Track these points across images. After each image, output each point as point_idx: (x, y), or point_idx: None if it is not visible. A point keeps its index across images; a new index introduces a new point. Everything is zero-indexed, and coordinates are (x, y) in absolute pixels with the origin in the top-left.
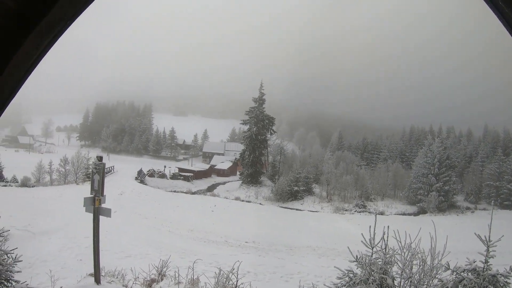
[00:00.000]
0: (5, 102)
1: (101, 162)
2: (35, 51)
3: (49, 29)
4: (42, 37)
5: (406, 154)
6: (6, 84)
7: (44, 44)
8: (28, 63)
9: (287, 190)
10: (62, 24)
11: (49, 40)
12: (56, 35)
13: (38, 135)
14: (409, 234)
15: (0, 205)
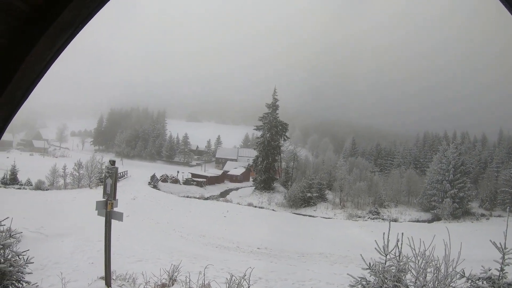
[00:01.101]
0: (18, 103)
1: (113, 166)
2: (48, 53)
3: (62, 32)
4: (55, 39)
5: (420, 160)
6: (19, 86)
7: (57, 46)
8: (41, 65)
9: (300, 196)
10: (74, 27)
11: (62, 42)
12: (69, 37)
13: (53, 139)
14: (423, 242)
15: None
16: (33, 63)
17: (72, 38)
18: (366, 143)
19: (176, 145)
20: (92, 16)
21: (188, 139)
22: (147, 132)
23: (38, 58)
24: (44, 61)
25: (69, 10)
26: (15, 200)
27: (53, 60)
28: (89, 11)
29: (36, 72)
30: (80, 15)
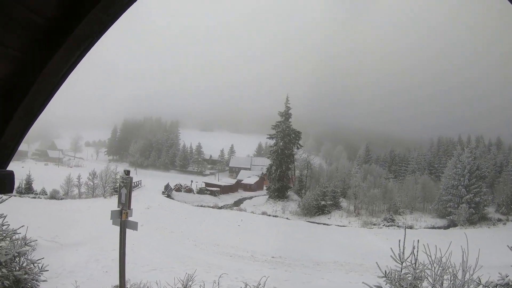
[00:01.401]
0: (35, 115)
1: (128, 176)
2: (64, 66)
3: (77, 45)
4: (70, 52)
5: (435, 166)
6: (36, 98)
7: (72, 59)
8: (57, 77)
9: (314, 204)
10: (89, 40)
11: (77, 55)
12: (83, 50)
13: (67, 149)
14: (439, 248)
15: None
16: (49, 75)
17: (87, 51)
18: (380, 149)
19: (190, 154)
20: (106, 30)
21: (202, 148)
22: (161, 142)
23: (54, 71)
24: (60, 74)
25: (84, 24)
26: (30, 209)
27: (68, 72)
28: (103, 25)
29: (52, 85)
30: (95, 29)
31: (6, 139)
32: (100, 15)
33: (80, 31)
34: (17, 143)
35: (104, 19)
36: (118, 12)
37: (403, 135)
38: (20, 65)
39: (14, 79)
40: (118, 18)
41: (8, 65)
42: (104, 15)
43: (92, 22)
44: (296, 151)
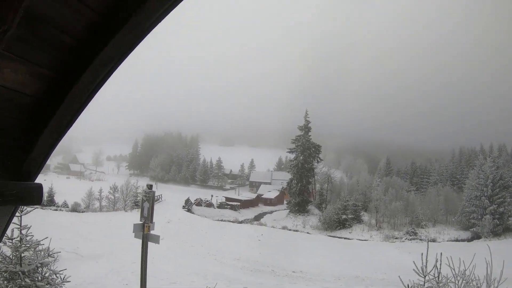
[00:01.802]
0: (63, 131)
1: (151, 190)
2: (91, 85)
3: (104, 65)
4: (98, 71)
5: (457, 177)
6: (64, 115)
7: (99, 78)
8: (85, 96)
9: (335, 218)
10: (116, 59)
11: (104, 74)
12: (111, 69)
13: (89, 163)
14: (463, 261)
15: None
16: (77, 94)
17: (114, 71)
18: (400, 161)
19: (210, 169)
20: (132, 50)
21: (222, 163)
22: (181, 157)
23: (82, 90)
24: (88, 92)
25: (111, 45)
26: (52, 221)
27: (95, 91)
28: (129, 45)
29: (80, 103)
30: (121, 50)
31: (35, 154)
32: (128, 36)
33: (108, 51)
34: (45, 158)
35: (131, 40)
36: (145, 32)
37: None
38: (50, 84)
39: (44, 96)
40: (144, 38)
41: (39, 83)
42: (131, 36)
43: (119, 42)
44: (317, 164)
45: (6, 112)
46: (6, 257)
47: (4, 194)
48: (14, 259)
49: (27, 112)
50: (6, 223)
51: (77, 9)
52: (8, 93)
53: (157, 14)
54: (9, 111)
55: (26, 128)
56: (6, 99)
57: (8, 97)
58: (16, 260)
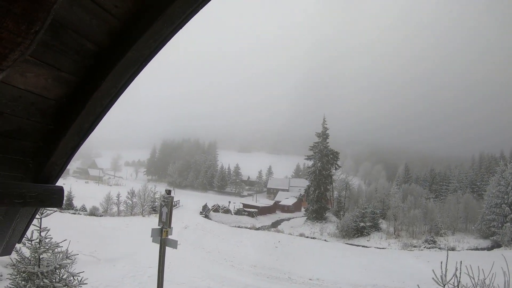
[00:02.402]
0: (85, 134)
1: (169, 195)
2: (113, 90)
3: (126, 69)
4: (120, 76)
5: (477, 184)
6: (87, 119)
7: (121, 83)
8: (107, 100)
9: (352, 226)
10: (137, 65)
11: (126, 79)
12: (132, 74)
13: (107, 168)
14: (482, 270)
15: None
16: (100, 98)
17: (136, 76)
18: (419, 168)
19: (228, 175)
20: (153, 56)
21: (239, 169)
22: (199, 163)
23: (105, 94)
24: (110, 97)
25: (133, 50)
26: (70, 224)
27: (117, 96)
28: (150, 51)
29: (102, 106)
30: (143, 55)
31: (56, 157)
32: (149, 42)
33: (130, 57)
34: (67, 161)
35: (152, 45)
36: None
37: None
38: (72, 88)
39: (67, 100)
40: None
41: (62, 88)
42: (152, 42)
43: (141, 48)
44: (334, 171)
45: (28, 116)
46: (25, 258)
47: (25, 196)
48: (33, 260)
49: (49, 116)
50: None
51: (100, 16)
52: (31, 97)
53: (179, 20)
54: (31, 114)
55: (48, 132)
56: (29, 103)
57: (31, 101)
58: (34, 261)
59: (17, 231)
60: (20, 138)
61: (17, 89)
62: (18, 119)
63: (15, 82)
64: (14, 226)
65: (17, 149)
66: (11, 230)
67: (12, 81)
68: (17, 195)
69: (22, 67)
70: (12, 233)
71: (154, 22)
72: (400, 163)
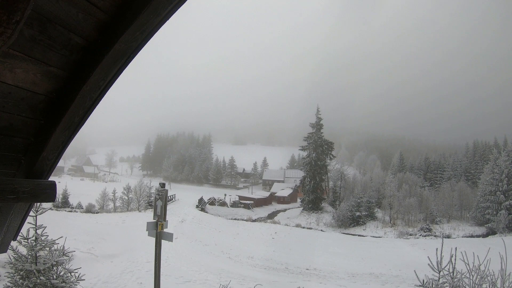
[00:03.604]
0: (76, 128)
1: (163, 188)
2: (102, 82)
3: (114, 62)
4: (108, 69)
5: (471, 172)
6: (77, 112)
7: (110, 76)
8: (96, 93)
9: (348, 215)
10: (125, 58)
11: (115, 72)
12: (121, 67)
13: (102, 165)
14: (477, 256)
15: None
16: (89, 91)
17: (124, 68)
18: (414, 157)
19: (223, 168)
20: (141, 48)
21: (235, 162)
22: (194, 156)
23: (94, 87)
24: (99, 90)
25: (120, 42)
26: (66, 222)
27: (107, 88)
28: (137, 43)
29: (91, 100)
30: (130, 47)
31: (48, 152)
32: (136, 34)
33: (117, 50)
34: (58, 156)
35: (140, 38)
36: (153, 30)
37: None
38: (61, 82)
39: (56, 95)
40: (152, 36)
41: (51, 82)
42: (139, 34)
43: (128, 41)
44: (329, 162)
45: (19, 112)
46: (22, 256)
47: (18, 191)
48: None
49: (40, 111)
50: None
51: (87, 9)
52: (20, 93)
53: (165, 11)
54: (22, 110)
55: (39, 127)
56: (19, 99)
57: (21, 97)
58: (31, 259)
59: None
60: (12, 135)
61: (6, 85)
62: (9, 115)
63: (4, 78)
64: (9, 223)
65: (9, 146)
66: (5, 227)
67: (0, 77)
68: (9, 191)
69: (11, 63)
70: (7, 230)
71: (140, 13)
72: (394, 152)
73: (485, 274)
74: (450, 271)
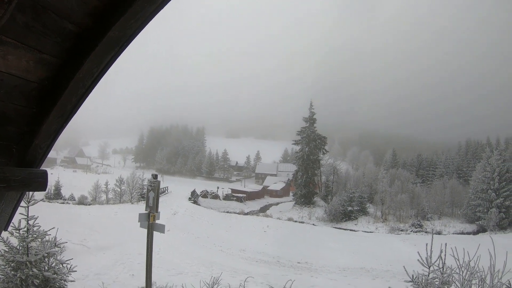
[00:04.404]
0: (68, 116)
1: (156, 179)
2: (95, 70)
3: (108, 50)
4: (102, 57)
5: (463, 169)
6: (69, 100)
7: (104, 63)
8: (89, 81)
9: (340, 210)
10: (119, 45)
11: (108, 59)
12: (114, 55)
13: (95, 156)
14: (467, 252)
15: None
16: (82, 79)
17: (117, 56)
18: (406, 153)
19: (216, 161)
20: (135, 36)
21: (228, 155)
22: (187, 149)
23: (87, 75)
24: (92, 77)
25: (114, 30)
26: (59, 213)
27: (100, 76)
28: (132, 31)
29: (84, 88)
30: (125, 35)
31: (40, 140)
32: (131, 22)
33: (111, 37)
34: (50, 144)
35: (134, 26)
36: (147, 18)
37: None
38: (54, 70)
39: (49, 83)
40: (147, 24)
41: (43, 70)
42: (134, 22)
43: (122, 28)
44: (322, 156)
45: (11, 100)
46: (13, 248)
47: (9, 180)
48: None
49: (32, 99)
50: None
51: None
52: (12, 80)
53: None
54: (14, 98)
55: (31, 115)
56: (11, 86)
57: (13, 84)
58: (23, 250)
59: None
60: (4, 123)
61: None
62: (1, 104)
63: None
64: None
65: (1, 134)
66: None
67: None
68: (0, 179)
69: (3, 50)
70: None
71: (135, 1)
72: (387, 148)
73: (474, 270)
74: (440, 266)
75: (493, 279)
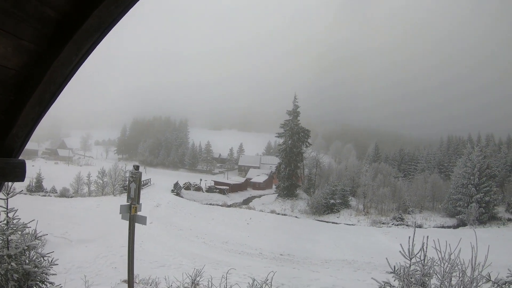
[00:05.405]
0: (47, 104)
1: (137, 171)
2: (74, 58)
3: (87, 37)
4: (81, 44)
5: (445, 165)
6: (48, 88)
7: (83, 51)
8: (68, 69)
9: (323, 203)
10: (99, 33)
11: (88, 47)
12: (94, 42)
13: (77, 148)
14: (449, 245)
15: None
16: (60, 67)
17: (97, 44)
18: (389, 148)
19: (199, 153)
20: (116, 22)
21: (211, 147)
22: (170, 141)
23: (65, 62)
24: (71, 65)
25: (94, 17)
26: (40, 206)
27: (79, 64)
28: (112, 18)
29: (63, 76)
30: (105, 22)
31: (17, 130)
32: (111, 8)
33: (91, 23)
34: (29, 134)
35: (114, 12)
36: (128, 5)
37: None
38: (33, 57)
39: (27, 70)
40: (128, 11)
41: (22, 57)
42: (114, 8)
43: (102, 14)
44: (305, 149)
45: None
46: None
47: None
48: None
49: (10, 86)
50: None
51: None
52: None
53: None
54: None
55: (9, 103)
56: None
57: None
58: (3, 243)
59: None
60: None
61: None
62: None
63: None
64: None
65: None
66: None
67: None
68: None
69: None
70: None
71: None
72: (370, 142)
73: (455, 263)
74: (421, 258)
75: (474, 271)
